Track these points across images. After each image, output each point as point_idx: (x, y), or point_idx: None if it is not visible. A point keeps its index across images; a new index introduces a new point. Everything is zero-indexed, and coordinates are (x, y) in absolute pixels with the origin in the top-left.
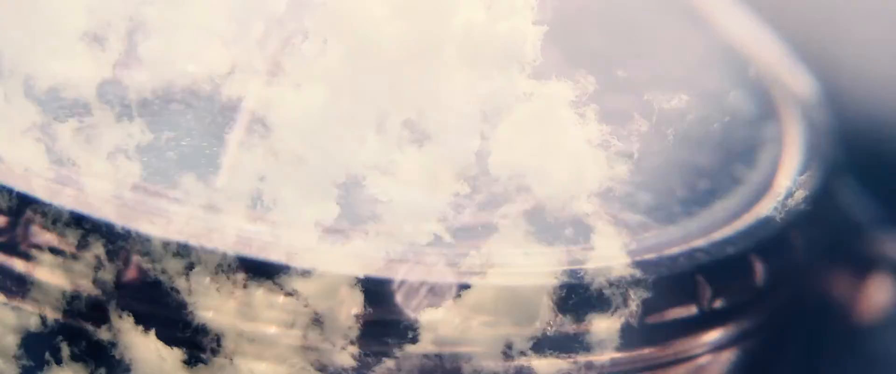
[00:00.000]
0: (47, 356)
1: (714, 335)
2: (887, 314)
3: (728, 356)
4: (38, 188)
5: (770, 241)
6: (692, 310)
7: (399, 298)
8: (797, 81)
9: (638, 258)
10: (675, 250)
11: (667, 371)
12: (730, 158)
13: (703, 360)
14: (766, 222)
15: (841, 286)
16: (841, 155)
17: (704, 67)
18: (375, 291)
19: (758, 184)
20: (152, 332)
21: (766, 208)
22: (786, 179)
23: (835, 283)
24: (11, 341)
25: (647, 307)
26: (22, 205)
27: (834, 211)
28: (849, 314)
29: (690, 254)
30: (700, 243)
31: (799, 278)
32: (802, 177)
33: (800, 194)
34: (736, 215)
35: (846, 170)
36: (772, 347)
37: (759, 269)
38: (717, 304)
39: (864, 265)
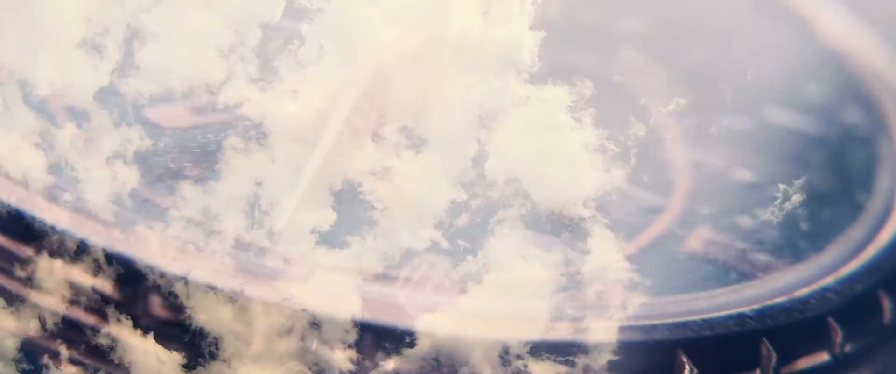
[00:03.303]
0: (46, 359)
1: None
2: None
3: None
4: (37, 194)
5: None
6: (824, 357)
7: (396, 302)
8: None
9: (768, 303)
10: (805, 292)
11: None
12: (848, 182)
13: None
14: (891, 252)
15: None
16: None
17: (810, 77)
18: (373, 296)
19: (878, 209)
20: (151, 336)
21: (889, 235)
22: None
23: None
24: (11, 344)
25: (781, 357)
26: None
27: None
28: None
29: (821, 295)
30: (828, 281)
31: None
32: None
33: None
34: (861, 247)
35: None
36: None
37: (888, 305)
38: (848, 348)
39: None
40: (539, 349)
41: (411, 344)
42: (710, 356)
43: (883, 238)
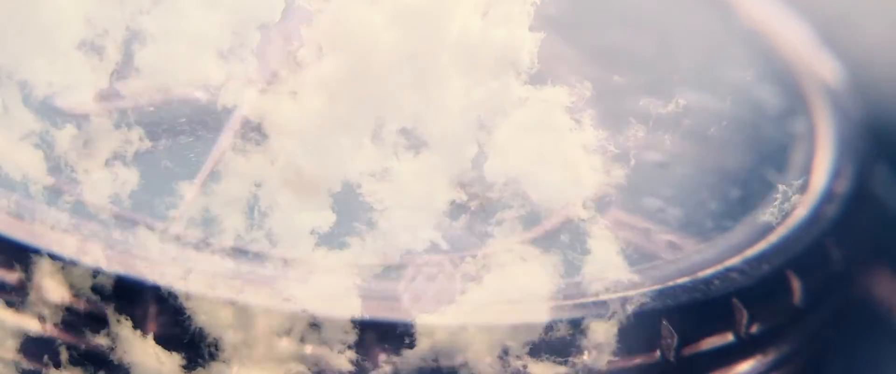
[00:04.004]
0: (46, 360)
1: (752, 363)
2: None
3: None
4: (37, 194)
5: (807, 253)
6: (728, 338)
7: (396, 303)
8: (825, 70)
9: (671, 283)
10: (709, 272)
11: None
12: (760, 161)
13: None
14: (801, 233)
15: (888, 291)
16: (877, 148)
17: (726, 58)
18: (372, 297)
19: (791, 189)
20: (150, 337)
21: (801, 215)
22: (820, 181)
23: (881, 288)
24: (11, 345)
25: (682, 337)
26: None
27: (874, 210)
28: (893, 322)
29: (725, 275)
30: (734, 261)
31: (841, 289)
32: (839, 177)
33: (837, 197)
34: (770, 228)
35: (884, 164)
36: (816, 368)
37: (797, 286)
38: (755, 329)
39: None
40: (538, 350)
41: (411, 345)
42: (611, 337)
43: (793, 218)
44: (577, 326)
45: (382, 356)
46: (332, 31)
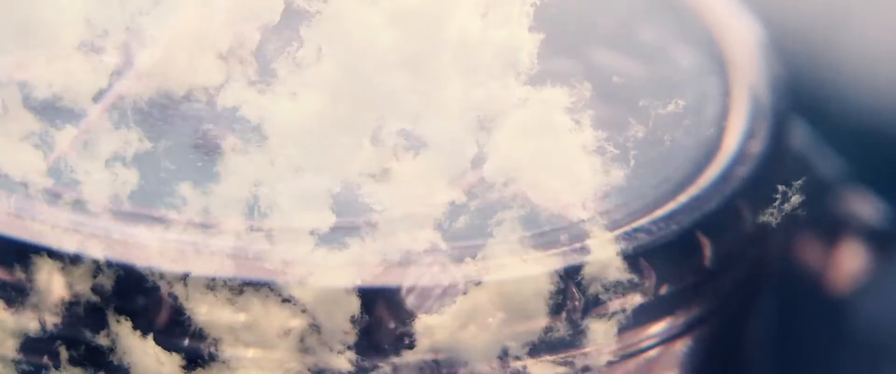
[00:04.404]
0: (46, 360)
1: (662, 325)
2: (860, 281)
3: (680, 347)
4: (37, 195)
5: (717, 214)
6: (636, 299)
7: (395, 304)
8: (744, 29)
9: (577, 244)
10: (615, 233)
11: (613, 369)
12: (672, 121)
13: (652, 353)
14: (711, 193)
15: (807, 255)
16: (797, 109)
17: (641, 18)
18: (372, 297)
19: (703, 148)
20: (150, 337)
21: (713, 175)
22: (733, 141)
23: (799, 251)
24: (11, 345)
25: (588, 299)
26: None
27: (792, 172)
28: (817, 285)
29: (632, 236)
30: (642, 222)
31: (755, 252)
32: (753, 137)
33: (750, 157)
34: (679, 187)
35: (804, 125)
36: (731, 331)
37: (708, 247)
38: (664, 290)
39: (832, 229)
40: (538, 350)
41: (410, 345)
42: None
43: (704, 178)
44: (576, 325)
45: (382, 357)
46: (332, 31)
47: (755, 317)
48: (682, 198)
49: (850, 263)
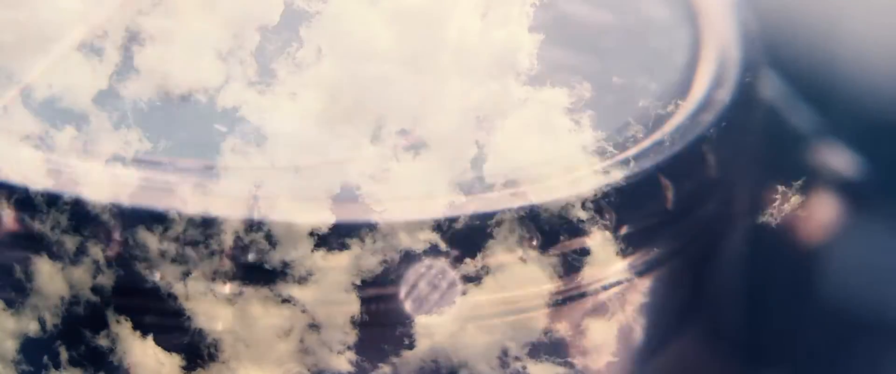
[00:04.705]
0: (46, 360)
1: (623, 266)
2: (829, 233)
3: (641, 288)
4: (37, 195)
5: (680, 158)
6: (597, 238)
7: (395, 304)
8: None
9: (539, 184)
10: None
11: (573, 307)
12: (638, 67)
13: (613, 292)
14: (675, 137)
15: (778, 207)
16: (766, 57)
17: None
18: (371, 298)
19: (669, 95)
20: (150, 337)
21: (677, 121)
22: (700, 88)
23: (768, 201)
24: (10, 345)
25: (548, 238)
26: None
27: (759, 121)
28: (786, 235)
29: (593, 176)
30: (604, 164)
31: (720, 197)
32: (720, 85)
33: (716, 104)
34: (644, 132)
35: (774, 74)
36: (693, 274)
37: (669, 190)
38: (624, 231)
39: (802, 180)
40: (538, 351)
41: (410, 346)
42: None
43: (669, 124)
44: (576, 326)
45: (381, 358)
46: (332, 31)
47: (719, 262)
48: (645, 143)
49: (821, 215)
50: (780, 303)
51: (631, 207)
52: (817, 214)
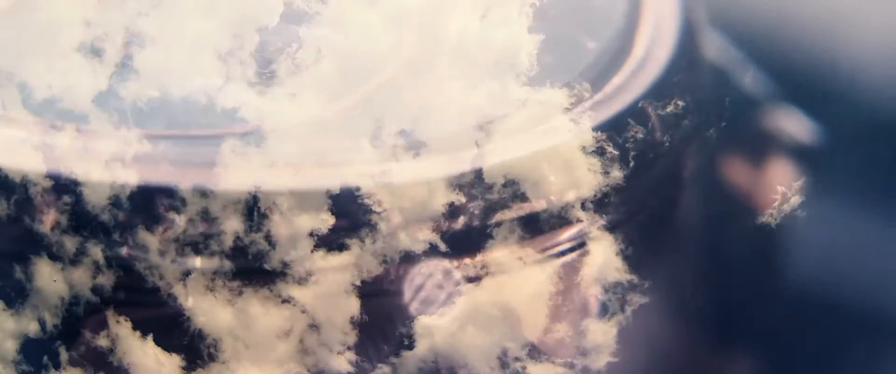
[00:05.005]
0: (46, 361)
1: (571, 231)
2: (785, 200)
3: (593, 253)
4: (37, 196)
5: (621, 118)
6: (542, 204)
7: (395, 305)
8: None
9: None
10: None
11: (523, 274)
12: (577, 28)
13: (563, 260)
14: (615, 95)
15: (733, 173)
16: (712, 18)
17: None
18: (371, 298)
19: (608, 53)
20: (150, 338)
21: (617, 82)
22: (641, 47)
23: (722, 167)
24: (10, 346)
25: (488, 206)
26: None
27: (706, 82)
28: (745, 204)
29: (535, 138)
30: (544, 125)
31: (665, 159)
32: (668, 45)
33: (662, 64)
34: (586, 91)
35: (722, 36)
36: (643, 238)
37: (613, 154)
38: (570, 197)
39: (758, 146)
40: (537, 351)
41: (410, 346)
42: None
43: (610, 84)
44: (576, 327)
45: (381, 358)
46: (331, 32)
47: (670, 228)
48: (586, 102)
49: (774, 181)
50: (738, 273)
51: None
52: (774, 180)
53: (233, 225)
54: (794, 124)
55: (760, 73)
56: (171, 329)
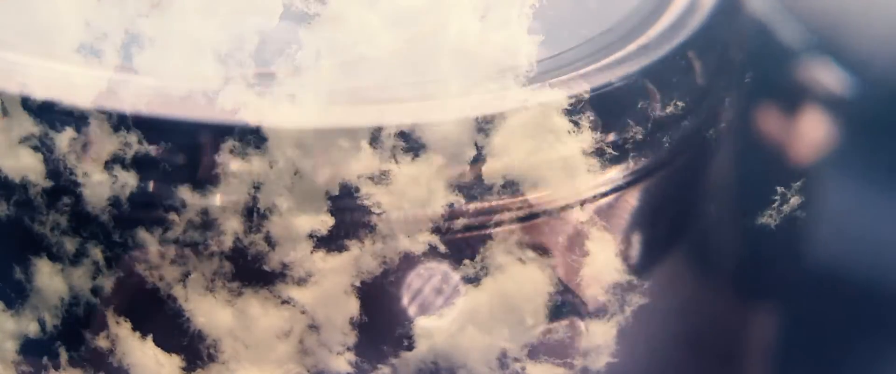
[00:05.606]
0: (46, 361)
1: (608, 175)
2: (820, 152)
3: (626, 198)
4: (36, 197)
5: (665, 64)
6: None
7: (395, 306)
8: None
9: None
10: (560, 79)
11: (552, 220)
12: None
13: (598, 204)
14: (661, 42)
15: (768, 123)
16: None
17: None
18: (371, 299)
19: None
20: (150, 338)
21: (663, 25)
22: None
23: (757, 117)
24: (10, 346)
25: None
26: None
27: (745, 31)
28: (777, 154)
29: (576, 82)
30: (588, 68)
31: (708, 109)
32: None
33: (702, 9)
34: (626, 37)
35: None
36: (679, 185)
37: (656, 97)
38: (609, 139)
39: (794, 97)
40: (537, 352)
41: (409, 347)
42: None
43: (654, 28)
44: (575, 327)
45: (381, 359)
46: (330, 33)
47: (705, 174)
48: (631, 46)
49: (808, 133)
50: (771, 227)
51: (615, 114)
52: (809, 131)
53: (232, 225)
54: (830, 76)
55: (800, 24)
56: (171, 329)
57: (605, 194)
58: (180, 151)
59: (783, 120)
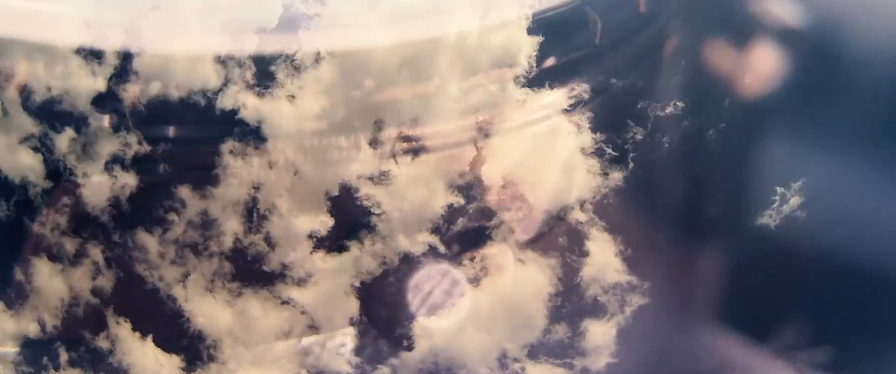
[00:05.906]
0: (46, 362)
1: (547, 98)
2: (770, 85)
3: (568, 120)
4: (36, 197)
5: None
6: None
7: (394, 306)
8: None
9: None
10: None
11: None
12: None
13: (540, 125)
14: None
15: (717, 56)
16: None
17: None
18: (371, 300)
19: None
20: (150, 339)
21: None
22: None
23: (706, 50)
24: (10, 347)
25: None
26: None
27: None
28: (729, 88)
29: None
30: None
31: (647, 32)
32: None
33: None
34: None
35: None
36: (620, 110)
37: (598, 24)
38: (549, 63)
39: (744, 29)
40: (537, 352)
41: (409, 348)
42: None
43: None
44: (575, 328)
45: (381, 359)
46: (330, 34)
47: (650, 102)
48: None
49: (759, 66)
50: (715, 153)
51: (557, 39)
52: (759, 63)
53: (232, 226)
54: (782, 7)
55: None
56: (171, 329)
57: (544, 117)
58: (180, 151)
59: (733, 50)
